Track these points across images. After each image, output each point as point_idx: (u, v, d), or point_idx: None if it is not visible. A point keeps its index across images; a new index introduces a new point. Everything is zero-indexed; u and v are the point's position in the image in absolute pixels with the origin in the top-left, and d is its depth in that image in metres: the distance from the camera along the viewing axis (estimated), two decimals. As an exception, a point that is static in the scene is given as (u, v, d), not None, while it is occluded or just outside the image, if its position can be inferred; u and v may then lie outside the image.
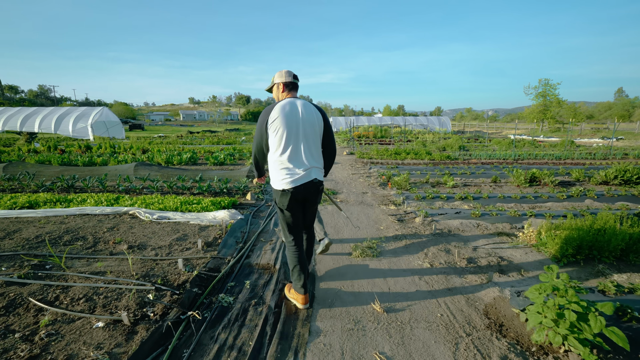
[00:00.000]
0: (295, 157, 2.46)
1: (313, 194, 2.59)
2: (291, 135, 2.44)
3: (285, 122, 2.42)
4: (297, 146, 2.47)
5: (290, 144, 2.45)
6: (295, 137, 2.46)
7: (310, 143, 2.52)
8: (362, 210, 5.62)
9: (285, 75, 2.60)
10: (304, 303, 2.63)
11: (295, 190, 2.47)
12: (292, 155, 2.46)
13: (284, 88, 2.61)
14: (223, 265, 3.32)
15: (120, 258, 3.40)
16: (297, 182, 2.46)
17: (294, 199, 2.50)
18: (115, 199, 5.46)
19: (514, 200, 6.24)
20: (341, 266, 3.45)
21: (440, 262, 3.56)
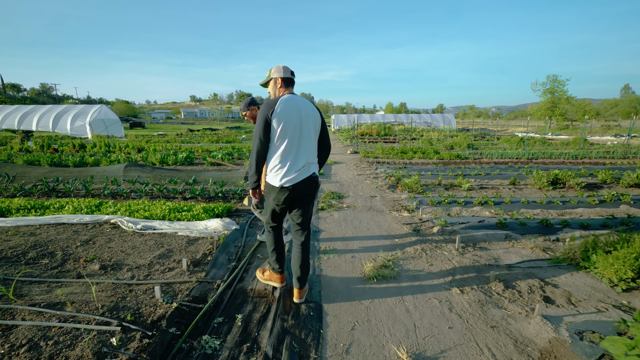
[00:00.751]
0: (296, 153, 2.43)
1: (313, 189, 2.56)
2: (295, 131, 2.40)
3: (289, 116, 2.37)
4: (299, 142, 2.43)
5: (293, 139, 2.40)
6: (298, 132, 2.42)
7: (310, 140, 2.49)
8: (372, 217, 5.03)
9: (283, 70, 2.53)
10: (281, 282, 2.79)
11: (294, 187, 2.43)
12: (294, 151, 2.41)
13: (282, 84, 2.53)
14: (211, 292, 2.75)
15: (88, 282, 2.83)
16: (296, 180, 2.42)
17: (291, 196, 2.46)
18: (98, 205, 4.91)
19: (539, 206, 5.63)
20: (353, 291, 2.87)
21: (471, 287, 2.97)
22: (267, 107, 2.37)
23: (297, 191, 2.45)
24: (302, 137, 2.43)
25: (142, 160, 10.16)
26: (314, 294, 2.82)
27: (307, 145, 2.46)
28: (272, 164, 2.44)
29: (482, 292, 2.88)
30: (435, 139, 20.55)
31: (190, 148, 13.84)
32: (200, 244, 3.75)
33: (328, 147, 2.71)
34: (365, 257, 3.57)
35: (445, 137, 23.33)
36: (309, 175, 2.47)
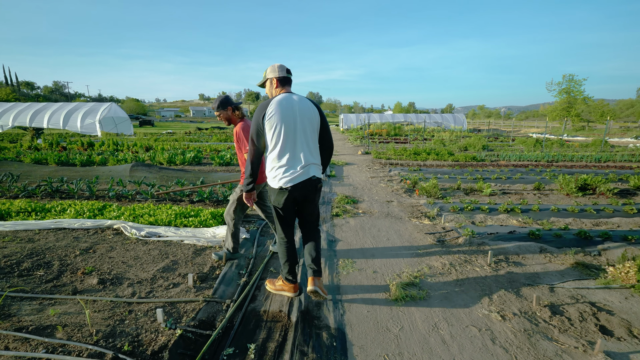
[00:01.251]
0: (293, 154, 2.37)
1: (311, 192, 2.48)
2: (289, 131, 2.34)
3: (282, 117, 2.31)
4: (294, 142, 2.37)
5: (287, 140, 2.35)
6: (293, 133, 2.36)
7: (308, 139, 2.42)
8: (390, 225, 4.68)
9: (278, 69, 2.46)
10: (295, 291, 2.64)
11: (294, 188, 2.36)
12: (290, 152, 2.36)
13: (278, 83, 2.47)
14: (220, 314, 2.44)
15: (85, 299, 2.55)
16: (295, 181, 2.35)
17: (291, 197, 2.39)
18: (101, 208, 4.66)
19: (571, 214, 5.21)
20: (379, 316, 2.54)
21: (513, 312, 2.61)
22: (259, 111, 2.35)
23: (296, 192, 2.38)
24: (298, 137, 2.37)
25: (149, 159, 9.96)
26: (336, 317, 2.50)
27: (305, 144, 2.39)
28: (270, 166, 2.41)
29: (527, 319, 2.52)
30: (447, 140, 20.04)
31: (199, 147, 13.64)
32: (208, 255, 3.45)
33: (330, 145, 2.62)
34: (388, 273, 3.23)
35: (457, 137, 22.77)
36: (309, 178, 2.40)
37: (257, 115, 2.35)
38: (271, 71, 2.48)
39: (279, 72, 2.46)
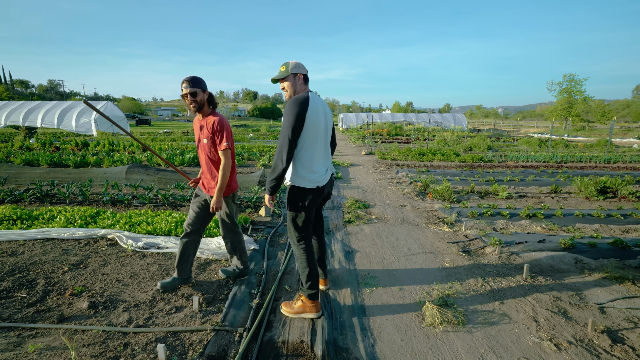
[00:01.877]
0: (324, 153, 2.40)
1: (330, 191, 2.56)
2: (320, 130, 2.32)
3: (317, 115, 2.27)
4: (323, 142, 2.38)
5: (319, 139, 2.32)
6: (324, 132, 2.36)
7: (327, 140, 2.46)
8: (408, 232, 4.34)
9: (303, 66, 2.37)
10: (318, 311, 2.41)
11: (324, 187, 2.38)
12: (320, 152, 2.35)
13: (303, 80, 2.36)
14: (232, 346, 2.08)
15: (72, 330, 2.18)
16: (325, 179, 2.39)
17: (320, 196, 2.39)
18: (94, 215, 4.28)
19: (597, 220, 4.90)
20: (415, 345, 2.19)
21: (567, 340, 2.27)
22: (301, 105, 2.18)
23: (324, 191, 2.41)
24: (325, 137, 2.39)
25: (146, 160, 9.56)
26: (366, 347, 2.15)
27: (327, 144, 2.45)
28: (302, 165, 2.28)
29: (585, 349, 2.18)
30: (449, 140, 19.75)
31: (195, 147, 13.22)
32: (214, 270, 3.09)
33: (335, 144, 2.73)
34: (416, 290, 2.89)
35: (458, 137, 22.50)
36: (331, 175, 2.51)
37: (300, 108, 2.17)
38: (297, 67, 2.33)
39: (304, 69, 2.35)
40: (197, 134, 2.66)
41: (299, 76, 2.32)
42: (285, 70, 2.30)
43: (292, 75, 2.31)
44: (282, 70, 2.32)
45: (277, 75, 2.35)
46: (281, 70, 2.32)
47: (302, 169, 2.28)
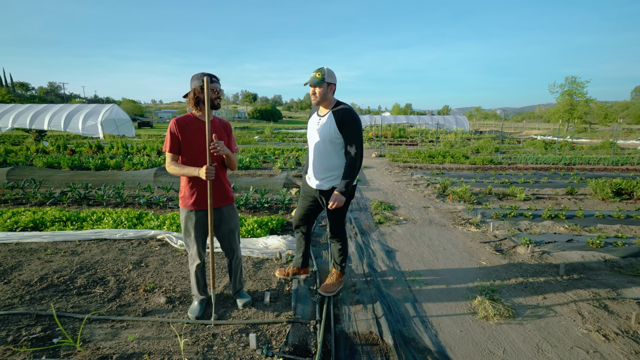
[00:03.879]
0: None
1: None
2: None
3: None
4: None
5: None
6: None
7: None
8: (439, 233, 4.53)
9: (335, 76, 2.54)
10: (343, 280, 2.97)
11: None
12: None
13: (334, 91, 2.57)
14: (309, 336, 2.27)
15: (159, 322, 2.36)
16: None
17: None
18: (138, 216, 4.45)
19: (617, 221, 5.10)
20: (474, 336, 2.38)
21: (614, 332, 2.46)
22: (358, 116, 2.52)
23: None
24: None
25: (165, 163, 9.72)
26: (430, 337, 2.33)
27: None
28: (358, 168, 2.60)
29: (632, 340, 2.37)
30: (454, 142, 19.98)
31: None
32: (269, 268, 3.27)
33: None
34: (461, 287, 3.07)
35: (462, 139, 22.73)
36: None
37: (360, 120, 2.53)
38: (331, 76, 2.49)
39: (335, 79, 2.55)
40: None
41: (332, 86, 2.52)
42: (320, 78, 2.45)
43: (327, 84, 2.48)
44: (317, 77, 2.46)
45: (312, 81, 2.47)
46: (316, 77, 2.46)
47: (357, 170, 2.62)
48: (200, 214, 2.32)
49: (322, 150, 2.55)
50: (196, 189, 2.29)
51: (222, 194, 2.38)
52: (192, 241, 2.37)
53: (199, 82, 2.21)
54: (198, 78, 2.21)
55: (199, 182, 2.28)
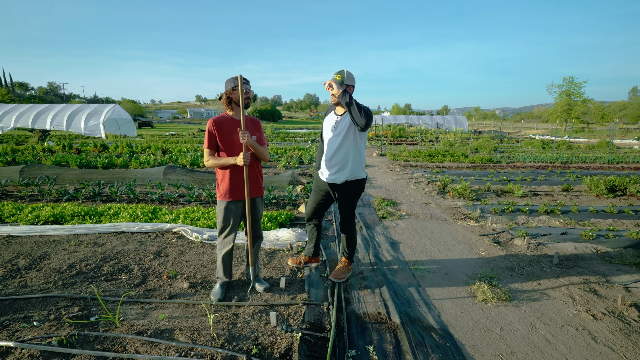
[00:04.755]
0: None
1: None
2: None
3: None
4: None
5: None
6: None
7: None
8: (440, 227, 4.75)
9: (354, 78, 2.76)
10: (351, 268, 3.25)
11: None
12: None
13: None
14: (323, 316, 2.48)
15: (184, 303, 2.57)
16: None
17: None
18: (153, 211, 4.66)
19: (610, 215, 5.32)
20: (474, 316, 2.59)
21: (599, 311, 2.68)
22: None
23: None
24: None
25: (171, 162, 9.93)
26: (434, 317, 2.55)
27: None
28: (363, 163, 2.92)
29: (617, 319, 2.59)
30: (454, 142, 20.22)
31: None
32: (281, 258, 3.49)
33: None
34: (461, 274, 3.29)
35: (462, 139, 22.97)
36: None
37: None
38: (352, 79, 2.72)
39: (354, 81, 2.75)
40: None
41: (350, 88, 2.70)
42: (340, 81, 2.65)
43: (346, 85, 2.68)
44: (337, 80, 2.66)
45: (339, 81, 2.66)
46: (337, 79, 2.66)
47: (362, 164, 2.87)
48: (238, 204, 2.60)
49: (338, 147, 2.75)
50: (234, 183, 2.55)
51: (256, 186, 2.65)
52: (228, 228, 2.62)
53: (232, 84, 2.45)
54: (232, 81, 2.46)
55: (236, 178, 2.54)
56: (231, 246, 2.67)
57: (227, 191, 2.57)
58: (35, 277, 2.93)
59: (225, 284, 2.75)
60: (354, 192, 2.85)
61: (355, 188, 2.84)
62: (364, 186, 2.96)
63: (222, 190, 2.59)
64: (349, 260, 3.11)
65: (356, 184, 2.84)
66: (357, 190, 2.85)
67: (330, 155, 2.79)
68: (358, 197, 2.91)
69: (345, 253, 3.11)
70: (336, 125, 2.74)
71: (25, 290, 2.70)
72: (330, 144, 2.78)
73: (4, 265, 3.11)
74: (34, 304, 2.51)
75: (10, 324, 2.22)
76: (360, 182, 2.87)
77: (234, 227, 2.65)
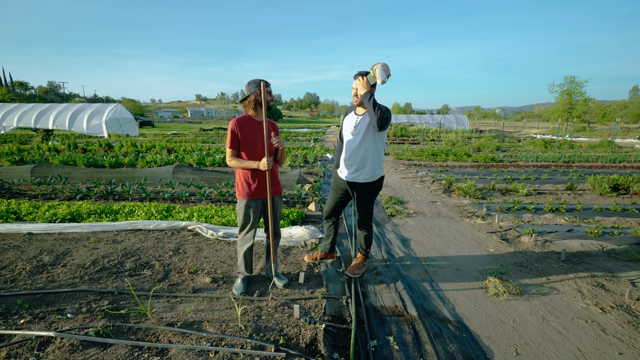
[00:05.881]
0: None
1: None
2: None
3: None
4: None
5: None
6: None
7: None
8: (448, 225, 4.84)
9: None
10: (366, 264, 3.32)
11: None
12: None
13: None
14: (343, 309, 2.58)
15: (209, 297, 2.67)
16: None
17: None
18: (167, 209, 4.75)
19: (614, 214, 5.42)
20: (487, 309, 2.69)
21: (607, 304, 2.78)
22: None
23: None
24: None
25: (178, 161, 10.03)
26: (449, 310, 2.65)
27: None
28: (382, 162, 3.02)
29: (625, 312, 2.69)
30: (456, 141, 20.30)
31: (218, 148, 13.69)
32: (296, 254, 3.58)
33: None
34: (472, 270, 3.39)
35: (463, 138, 23.06)
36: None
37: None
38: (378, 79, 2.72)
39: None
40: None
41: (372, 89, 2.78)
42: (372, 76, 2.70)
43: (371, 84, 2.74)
44: (371, 76, 2.71)
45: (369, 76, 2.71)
46: (371, 76, 2.71)
47: (382, 163, 2.97)
48: (258, 202, 2.71)
49: (357, 147, 2.83)
50: (256, 182, 2.66)
51: (275, 185, 2.76)
52: (248, 226, 2.72)
53: (257, 87, 2.55)
54: (255, 84, 2.55)
55: (258, 177, 2.64)
56: (252, 243, 2.77)
57: (247, 190, 2.67)
58: (62, 272, 3.03)
59: (247, 278, 2.84)
60: (373, 190, 2.94)
61: (374, 187, 2.93)
62: (382, 184, 3.04)
63: (244, 189, 2.68)
64: (365, 256, 3.21)
65: (375, 182, 2.93)
66: (375, 189, 2.95)
67: (349, 154, 2.88)
68: (376, 195, 3.01)
69: (361, 249, 3.21)
70: (356, 125, 2.83)
71: (54, 284, 2.80)
72: (350, 143, 2.87)
73: (30, 261, 3.21)
74: (64, 297, 2.61)
75: (46, 316, 2.32)
76: (379, 180, 2.98)
77: (254, 224, 2.75)
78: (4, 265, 3.13)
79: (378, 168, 2.92)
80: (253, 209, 2.71)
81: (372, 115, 2.59)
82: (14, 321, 2.26)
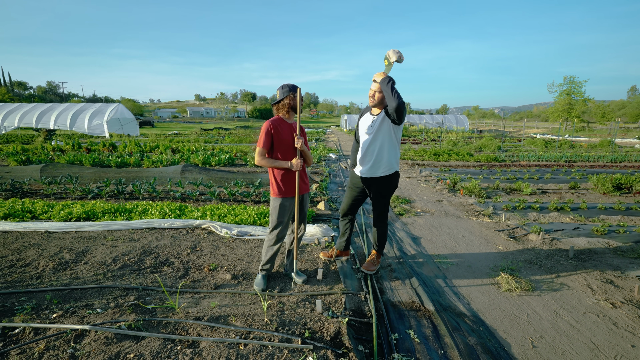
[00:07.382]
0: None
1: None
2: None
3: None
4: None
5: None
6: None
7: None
8: (456, 223, 4.93)
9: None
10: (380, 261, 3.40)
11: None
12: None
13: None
14: (362, 304, 2.66)
15: (231, 293, 2.74)
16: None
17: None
18: (179, 208, 4.82)
19: (618, 212, 5.51)
20: (501, 304, 2.77)
21: (617, 300, 2.86)
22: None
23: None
24: None
25: (183, 161, 10.09)
26: (464, 305, 2.73)
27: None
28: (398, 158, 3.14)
29: (635, 307, 2.77)
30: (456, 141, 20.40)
31: (222, 148, 13.75)
32: (311, 252, 3.66)
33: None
34: (483, 267, 3.47)
35: (464, 138, 23.17)
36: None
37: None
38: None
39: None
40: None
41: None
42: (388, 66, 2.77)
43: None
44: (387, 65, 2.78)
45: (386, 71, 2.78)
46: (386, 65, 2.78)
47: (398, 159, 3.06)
48: (292, 200, 2.83)
49: (374, 143, 2.92)
50: (289, 182, 2.78)
51: (304, 184, 2.88)
52: (282, 223, 2.83)
53: (290, 92, 2.70)
54: (289, 88, 2.70)
55: (290, 177, 2.76)
56: (283, 241, 2.90)
57: (282, 189, 2.78)
58: (85, 269, 3.09)
59: (267, 275, 2.92)
60: (390, 186, 3.02)
61: (391, 182, 3.01)
62: (397, 182, 3.11)
63: (279, 188, 2.79)
64: (379, 253, 3.29)
65: (391, 178, 3.01)
66: (391, 186, 3.03)
67: (365, 150, 2.96)
68: (392, 192, 3.09)
69: (376, 246, 3.28)
70: (372, 124, 2.91)
71: (79, 281, 2.87)
72: (366, 142, 2.95)
73: (52, 259, 3.28)
74: (90, 293, 2.68)
75: (76, 311, 2.39)
76: (395, 176, 3.04)
77: (288, 222, 2.87)
78: (27, 263, 3.20)
79: (394, 162, 3.00)
80: (287, 207, 2.82)
81: (389, 98, 2.63)
82: (46, 315, 2.33)
